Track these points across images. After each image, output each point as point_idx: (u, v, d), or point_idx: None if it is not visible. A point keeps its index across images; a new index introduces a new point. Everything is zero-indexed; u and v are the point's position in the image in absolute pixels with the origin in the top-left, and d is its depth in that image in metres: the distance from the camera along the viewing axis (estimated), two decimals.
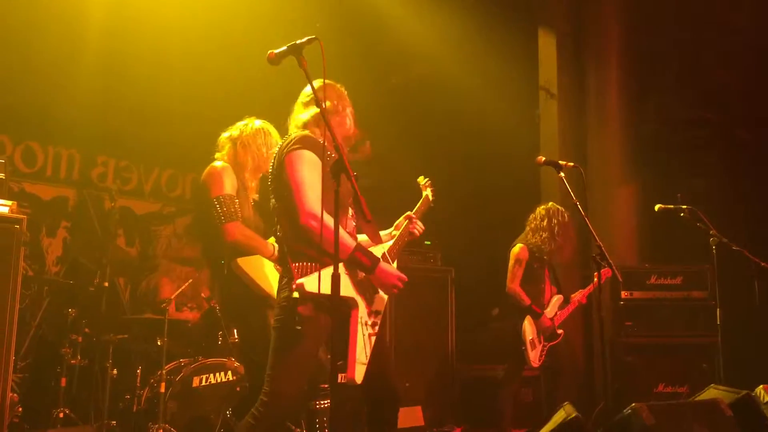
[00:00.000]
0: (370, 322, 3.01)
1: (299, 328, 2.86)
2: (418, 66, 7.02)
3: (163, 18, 5.89)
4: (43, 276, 5.50)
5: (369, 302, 3.03)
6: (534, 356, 5.26)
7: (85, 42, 5.78)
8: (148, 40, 5.91)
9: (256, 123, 4.10)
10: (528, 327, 5.26)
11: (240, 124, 4.11)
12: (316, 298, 2.81)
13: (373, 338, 3.01)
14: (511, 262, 5.38)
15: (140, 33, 5.89)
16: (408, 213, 3.51)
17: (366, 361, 2.94)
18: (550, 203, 5.49)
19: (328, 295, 2.63)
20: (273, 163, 3.12)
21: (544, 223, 5.35)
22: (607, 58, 6.77)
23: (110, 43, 5.85)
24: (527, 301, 5.30)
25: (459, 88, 7.05)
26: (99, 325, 4.89)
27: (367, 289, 3.03)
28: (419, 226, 3.49)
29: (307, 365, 2.96)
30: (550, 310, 5.42)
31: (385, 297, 3.09)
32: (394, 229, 3.48)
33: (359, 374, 2.89)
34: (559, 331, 5.42)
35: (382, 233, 3.41)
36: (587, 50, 6.93)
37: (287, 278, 2.98)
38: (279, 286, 3.04)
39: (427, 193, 3.71)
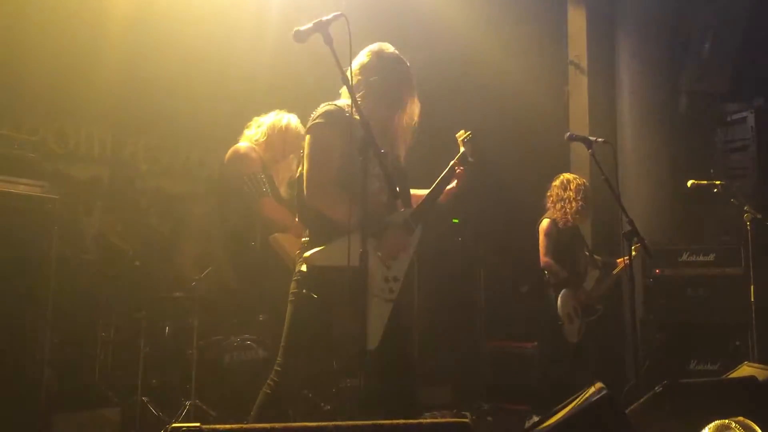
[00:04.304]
0: (387, 288, 2.96)
1: (315, 296, 2.86)
2: (445, 41, 6.93)
3: None
4: (80, 256, 5.58)
5: (386, 268, 2.97)
6: (572, 331, 5.21)
7: (114, 24, 5.80)
8: (177, 21, 5.93)
9: (293, 120, 4.08)
10: (565, 301, 5.22)
11: (275, 114, 4.11)
12: (328, 270, 2.82)
13: (390, 305, 2.96)
14: (540, 237, 5.36)
15: (169, 14, 5.91)
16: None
17: (382, 329, 2.88)
18: (562, 175, 5.49)
19: (340, 267, 2.63)
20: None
21: (565, 193, 5.33)
22: (639, 31, 6.64)
23: (139, 24, 5.88)
24: (563, 273, 5.25)
25: (487, 62, 6.96)
26: (131, 304, 4.96)
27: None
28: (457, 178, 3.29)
29: (321, 338, 2.94)
30: (587, 284, 5.37)
31: (406, 262, 3.03)
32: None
33: (373, 341, 2.86)
34: (598, 306, 5.37)
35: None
36: (618, 24, 6.80)
37: (301, 251, 2.99)
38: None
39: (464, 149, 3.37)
